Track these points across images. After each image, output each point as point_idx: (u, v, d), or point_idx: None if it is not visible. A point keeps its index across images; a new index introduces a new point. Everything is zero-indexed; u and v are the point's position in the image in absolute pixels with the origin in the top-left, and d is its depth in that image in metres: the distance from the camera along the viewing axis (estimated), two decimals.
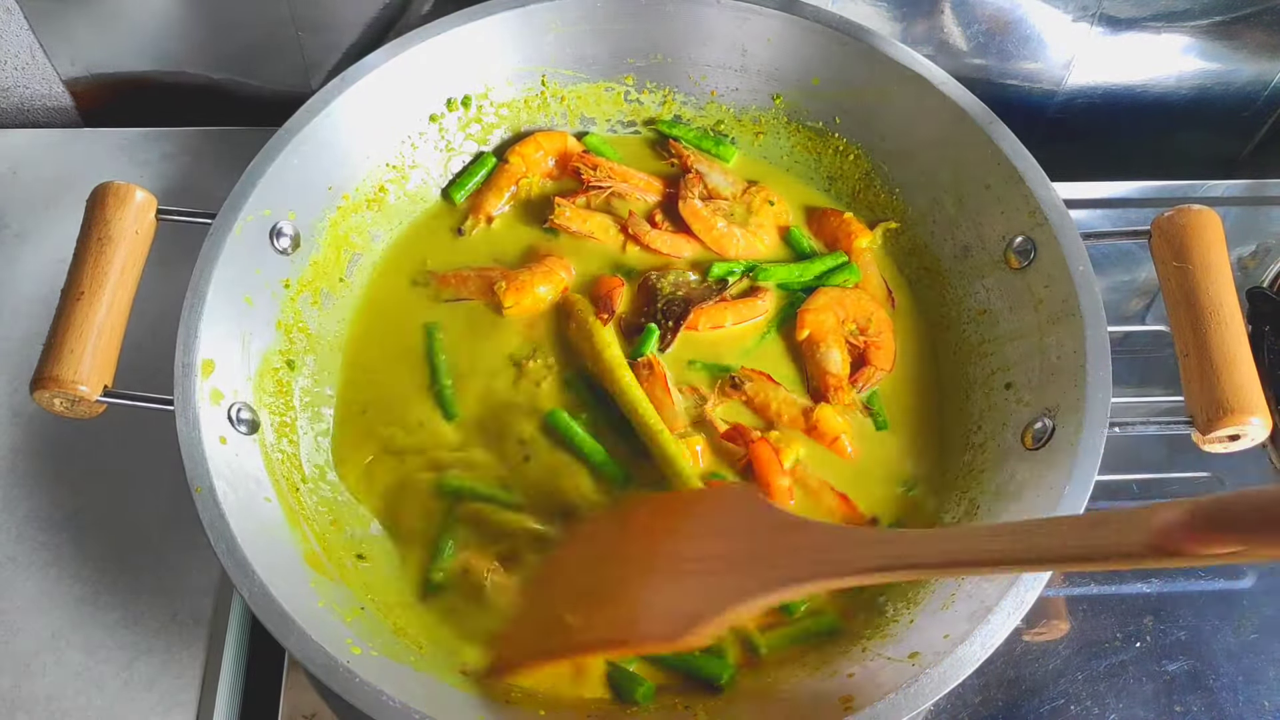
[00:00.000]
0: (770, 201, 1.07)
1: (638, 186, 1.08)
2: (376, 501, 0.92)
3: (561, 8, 1.03)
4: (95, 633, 0.91)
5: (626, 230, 1.05)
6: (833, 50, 1.03)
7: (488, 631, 0.85)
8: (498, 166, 1.09)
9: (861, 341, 0.99)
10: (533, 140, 1.09)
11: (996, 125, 0.96)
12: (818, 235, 1.08)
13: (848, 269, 1.04)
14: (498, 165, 1.09)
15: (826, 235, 1.07)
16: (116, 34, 1.17)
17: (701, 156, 1.10)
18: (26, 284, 1.09)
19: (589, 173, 1.07)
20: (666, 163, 1.10)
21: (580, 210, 1.05)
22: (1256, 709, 0.93)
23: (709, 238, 1.05)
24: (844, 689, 0.76)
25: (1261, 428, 0.80)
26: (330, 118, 0.96)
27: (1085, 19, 1.16)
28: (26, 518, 0.97)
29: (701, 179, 1.07)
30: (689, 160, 1.08)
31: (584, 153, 1.09)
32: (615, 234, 1.05)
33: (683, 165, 1.09)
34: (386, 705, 0.72)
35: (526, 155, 1.08)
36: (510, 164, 1.08)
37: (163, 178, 1.17)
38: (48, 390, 0.81)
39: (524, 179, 1.08)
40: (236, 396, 0.87)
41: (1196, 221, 0.87)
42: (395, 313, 1.02)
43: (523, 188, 1.08)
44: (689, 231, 1.05)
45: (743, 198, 1.07)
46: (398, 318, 1.01)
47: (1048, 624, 0.97)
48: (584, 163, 1.07)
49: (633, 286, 1.03)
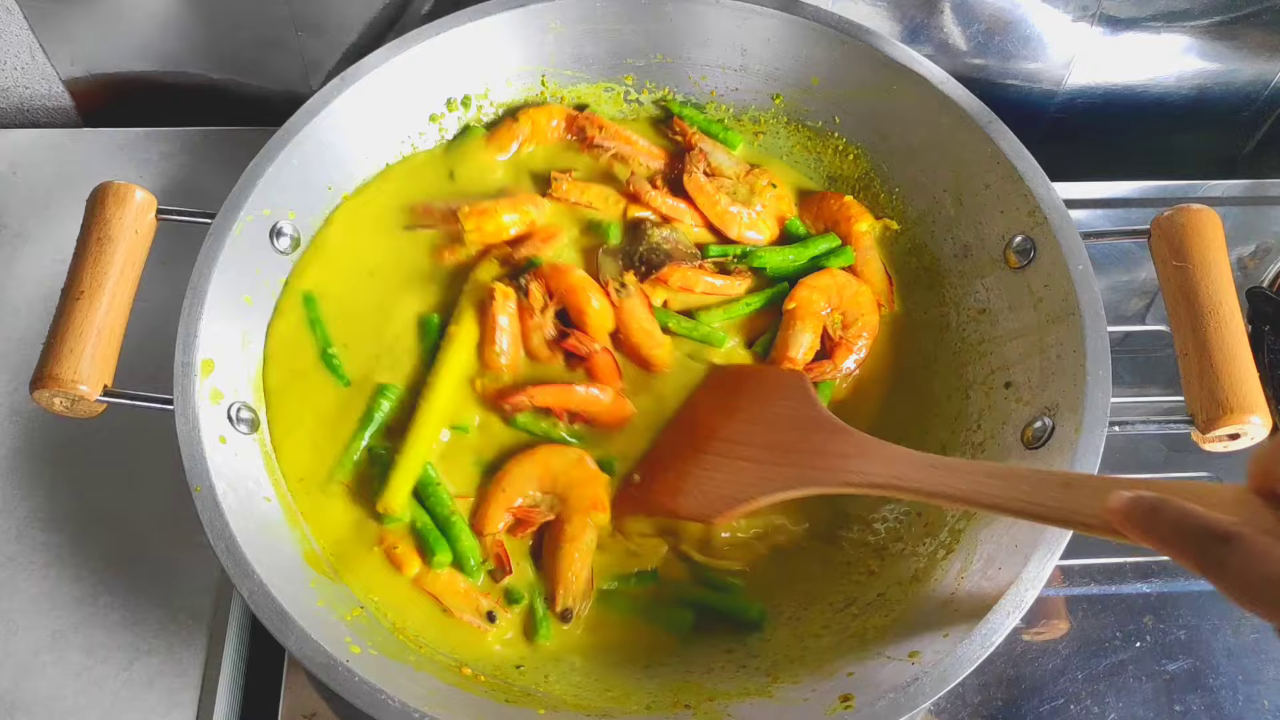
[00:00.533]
0: (772, 185, 1.06)
1: (641, 151, 1.08)
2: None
3: (561, 8, 1.03)
4: (95, 633, 0.91)
5: (628, 192, 1.04)
6: (833, 50, 1.03)
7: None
8: (504, 121, 1.08)
9: (838, 336, 0.99)
10: (545, 107, 1.09)
11: (996, 125, 0.96)
12: (816, 219, 1.06)
13: (842, 253, 1.03)
14: (504, 120, 1.08)
15: (826, 218, 1.06)
16: (116, 34, 1.17)
17: (705, 137, 1.09)
18: (26, 284, 1.10)
19: (594, 131, 1.06)
20: (670, 139, 1.10)
21: (578, 182, 1.05)
22: (1256, 709, 0.93)
23: (712, 213, 1.04)
24: (844, 688, 0.76)
25: (1261, 427, 0.80)
26: (330, 118, 0.96)
27: (1085, 19, 1.16)
28: (26, 518, 0.97)
29: (705, 156, 1.07)
30: (693, 137, 1.08)
31: (590, 113, 1.09)
32: (615, 204, 1.04)
33: (687, 143, 1.08)
34: (386, 704, 0.72)
35: (535, 118, 1.08)
36: (518, 121, 1.07)
37: (163, 178, 1.17)
38: (48, 390, 0.81)
39: (528, 140, 1.07)
40: (236, 396, 0.87)
41: (1196, 221, 0.87)
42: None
43: (523, 150, 1.07)
44: (692, 204, 1.05)
45: (746, 178, 1.07)
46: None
47: (1048, 624, 0.97)
48: (590, 122, 1.07)
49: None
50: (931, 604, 0.82)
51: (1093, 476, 0.65)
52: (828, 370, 0.97)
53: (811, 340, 0.97)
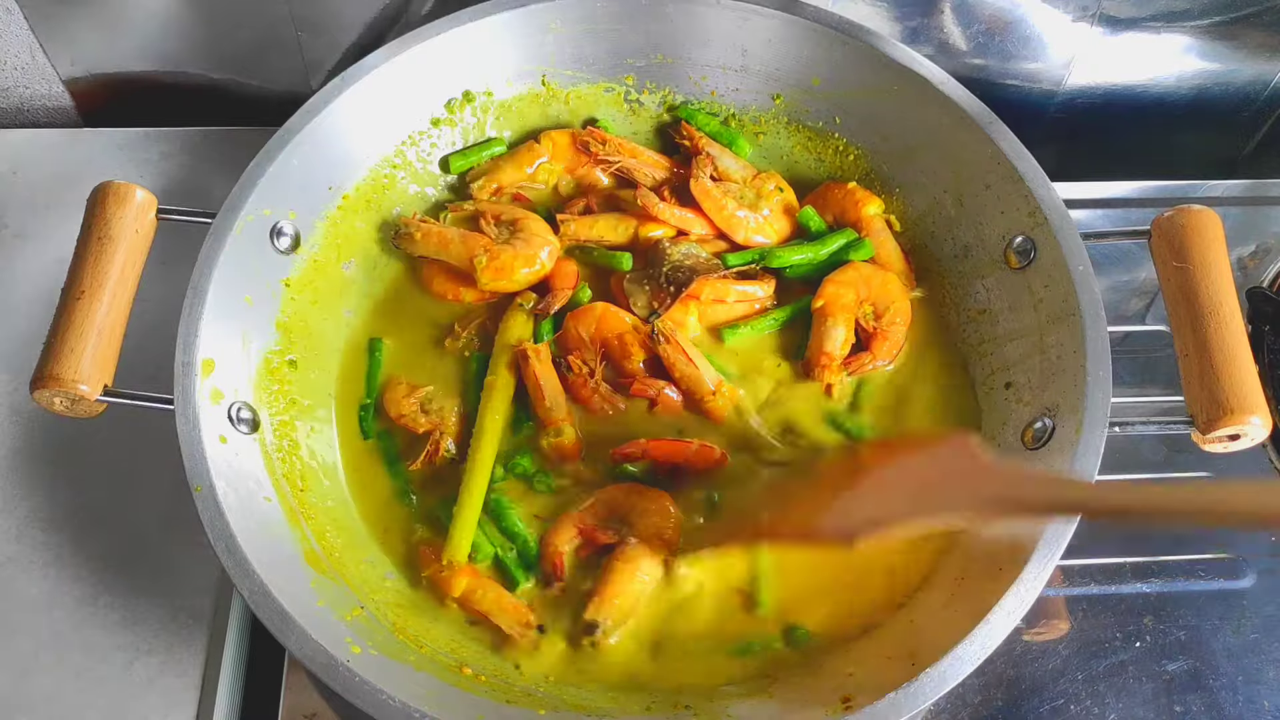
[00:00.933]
0: (779, 189, 1.06)
1: (646, 163, 1.08)
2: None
3: (561, 8, 1.03)
4: (95, 633, 0.91)
5: (637, 211, 1.04)
6: (833, 50, 1.03)
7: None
8: (525, 144, 1.08)
9: (872, 326, 0.99)
10: (566, 130, 1.09)
11: (996, 125, 0.96)
12: (823, 211, 1.06)
13: (860, 246, 1.02)
14: (526, 142, 1.09)
15: (834, 209, 1.06)
16: (116, 34, 1.17)
17: (712, 142, 1.09)
18: (26, 284, 1.09)
19: (598, 147, 1.07)
20: (678, 143, 1.10)
21: (584, 219, 1.05)
22: (1256, 709, 0.93)
23: (719, 217, 1.04)
24: (844, 688, 0.76)
25: (1261, 427, 0.80)
26: (330, 118, 0.96)
27: (1085, 19, 1.16)
28: (26, 518, 0.97)
29: (713, 161, 1.07)
30: (700, 142, 1.08)
31: (594, 127, 1.09)
32: (625, 228, 1.04)
33: (694, 147, 1.08)
34: (386, 704, 0.72)
35: (557, 140, 1.08)
36: (540, 144, 1.08)
37: (163, 177, 1.17)
38: (48, 389, 0.81)
39: (546, 165, 1.07)
40: (236, 396, 0.87)
41: (1196, 221, 0.87)
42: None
43: (542, 171, 1.07)
44: (699, 210, 1.05)
45: (753, 182, 1.07)
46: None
47: (1048, 624, 0.97)
48: (593, 137, 1.07)
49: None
50: (931, 604, 0.82)
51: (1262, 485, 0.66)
52: (867, 362, 0.98)
53: (845, 334, 0.97)
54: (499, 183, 1.06)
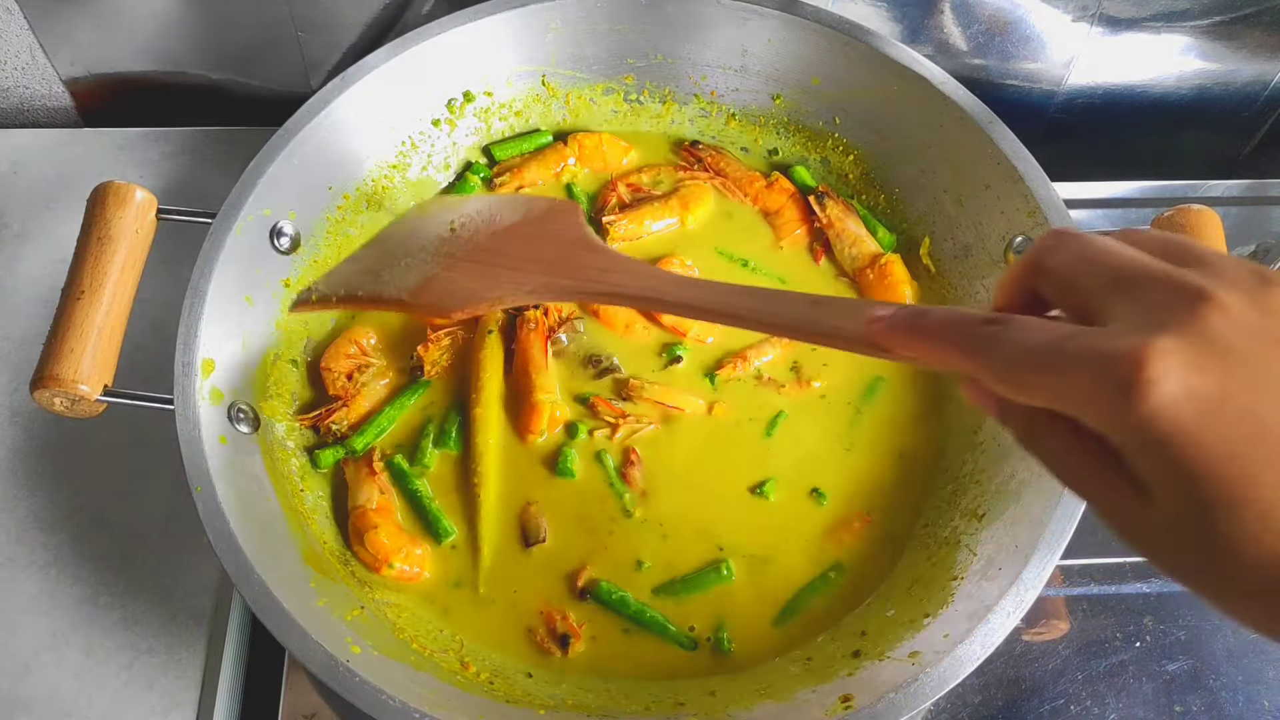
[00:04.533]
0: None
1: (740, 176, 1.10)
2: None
3: (561, 8, 1.03)
4: (95, 633, 0.91)
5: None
6: (833, 50, 1.03)
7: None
8: (553, 144, 1.10)
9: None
10: (598, 135, 1.10)
11: (996, 125, 0.96)
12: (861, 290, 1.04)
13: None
14: (554, 142, 1.10)
15: (864, 287, 1.04)
16: (116, 34, 1.17)
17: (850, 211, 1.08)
18: (26, 284, 1.10)
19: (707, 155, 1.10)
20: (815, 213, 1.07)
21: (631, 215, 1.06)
22: (1256, 709, 0.93)
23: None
24: (844, 688, 0.76)
25: None
26: (330, 118, 0.96)
27: (1085, 19, 1.16)
28: (26, 518, 0.97)
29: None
30: (837, 225, 1.05)
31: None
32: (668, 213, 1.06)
33: (827, 224, 1.05)
34: (386, 704, 0.72)
35: (584, 143, 1.09)
36: (567, 145, 1.09)
37: (163, 177, 1.17)
38: (48, 389, 0.81)
39: (572, 167, 1.09)
40: (237, 396, 0.87)
41: (1196, 221, 0.87)
42: None
43: (565, 172, 1.09)
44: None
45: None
46: None
47: (1048, 624, 0.97)
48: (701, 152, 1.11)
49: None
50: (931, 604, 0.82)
51: (846, 298, 0.63)
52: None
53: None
54: (521, 182, 1.07)
